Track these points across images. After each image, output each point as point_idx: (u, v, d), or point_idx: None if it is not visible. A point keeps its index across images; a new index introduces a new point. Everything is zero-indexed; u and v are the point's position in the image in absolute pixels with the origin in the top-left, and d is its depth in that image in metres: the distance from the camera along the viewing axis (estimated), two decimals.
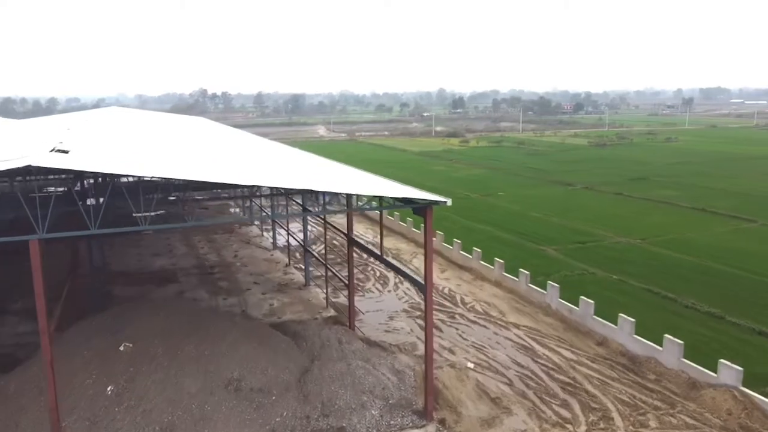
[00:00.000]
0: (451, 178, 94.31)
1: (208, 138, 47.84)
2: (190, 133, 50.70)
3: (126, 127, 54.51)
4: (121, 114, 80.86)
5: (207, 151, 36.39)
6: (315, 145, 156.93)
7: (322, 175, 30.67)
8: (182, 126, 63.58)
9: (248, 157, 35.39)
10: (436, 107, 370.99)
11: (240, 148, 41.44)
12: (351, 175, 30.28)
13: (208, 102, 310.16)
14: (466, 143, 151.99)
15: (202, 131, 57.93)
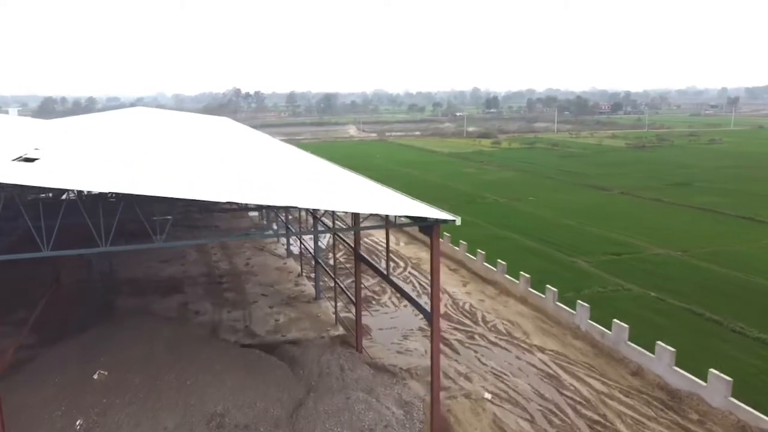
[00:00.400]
0: (480, 181, 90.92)
1: (217, 142, 45.93)
2: (202, 137, 48.95)
3: (139, 128, 53.14)
4: (143, 114, 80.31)
5: (211, 158, 34.29)
6: (344, 145, 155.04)
7: (328, 189, 28.13)
8: (199, 128, 62.16)
9: (254, 166, 33.15)
10: (470, 107, 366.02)
11: (246, 155, 39.27)
12: (359, 189, 27.74)
13: (241, 101, 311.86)
14: (497, 144, 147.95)
15: (216, 134, 56.21)
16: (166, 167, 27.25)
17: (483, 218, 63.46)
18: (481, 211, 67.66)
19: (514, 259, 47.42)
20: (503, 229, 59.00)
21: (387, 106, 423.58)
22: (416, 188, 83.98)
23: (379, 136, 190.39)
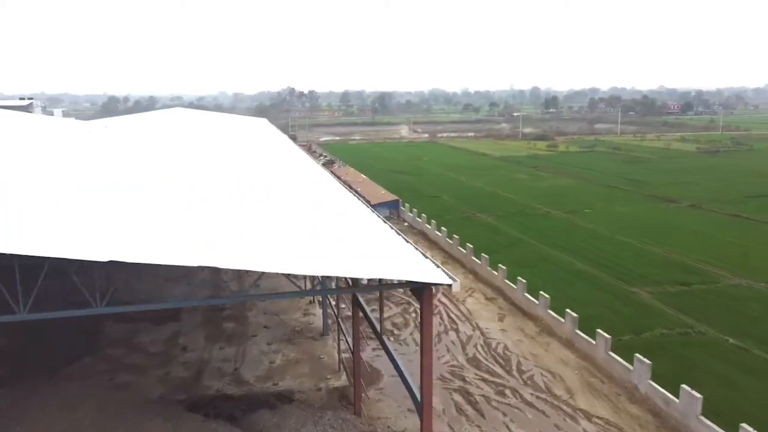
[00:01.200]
0: (531, 189, 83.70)
1: (225, 159, 41.49)
2: (211, 151, 44.72)
3: (151, 138, 49.52)
4: (172, 117, 78.03)
5: (204, 187, 29.58)
6: (392, 146, 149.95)
7: (321, 240, 22.18)
8: (221, 135, 58.39)
9: (250, 200, 28.14)
10: (528, 107, 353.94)
11: (249, 177, 34.51)
12: (357, 236, 22.27)
13: (295, 100, 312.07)
14: (554, 148, 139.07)
15: (233, 144, 52.01)
16: (138, 207, 22.59)
17: (530, 234, 56.85)
18: (528, 225, 60.95)
19: (562, 287, 41.06)
20: (553, 247, 52.22)
21: (443, 105, 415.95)
22: (460, 196, 78.07)
23: (430, 137, 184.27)
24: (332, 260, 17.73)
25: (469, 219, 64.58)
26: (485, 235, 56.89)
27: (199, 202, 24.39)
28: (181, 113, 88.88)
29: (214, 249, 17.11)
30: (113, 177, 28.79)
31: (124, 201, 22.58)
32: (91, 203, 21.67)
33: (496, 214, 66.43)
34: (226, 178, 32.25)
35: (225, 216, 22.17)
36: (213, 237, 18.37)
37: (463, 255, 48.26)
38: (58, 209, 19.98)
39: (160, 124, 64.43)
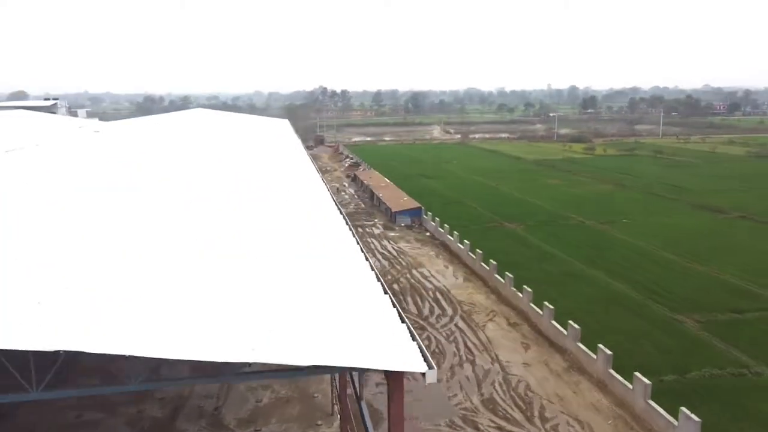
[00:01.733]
0: (565, 195, 78.65)
1: (213, 176, 38.33)
2: (206, 157, 41.67)
3: (149, 146, 46.83)
4: (194, 117, 75.97)
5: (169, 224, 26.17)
6: (422, 148, 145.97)
7: (257, 303, 16.69)
8: (229, 138, 55.47)
9: (215, 250, 24.68)
10: (565, 107, 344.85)
11: (232, 207, 30.76)
12: (318, 287, 17.20)
13: (327, 100, 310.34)
14: (591, 150, 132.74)
15: (236, 151, 48.91)
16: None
17: (562, 247, 52.31)
18: (560, 237, 56.35)
19: (596, 312, 36.75)
20: (586, 263, 47.62)
21: (477, 105, 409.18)
22: (488, 203, 73.56)
23: (462, 138, 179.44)
24: (259, 338, 12.94)
25: (496, 229, 60.27)
26: (512, 248, 52.62)
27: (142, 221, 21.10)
28: (201, 114, 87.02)
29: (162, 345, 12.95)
30: (76, 178, 25.85)
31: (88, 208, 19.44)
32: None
33: (526, 224, 61.94)
34: (183, 193, 28.80)
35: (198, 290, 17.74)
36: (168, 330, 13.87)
37: (486, 272, 44.13)
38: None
39: (170, 125, 62.51)
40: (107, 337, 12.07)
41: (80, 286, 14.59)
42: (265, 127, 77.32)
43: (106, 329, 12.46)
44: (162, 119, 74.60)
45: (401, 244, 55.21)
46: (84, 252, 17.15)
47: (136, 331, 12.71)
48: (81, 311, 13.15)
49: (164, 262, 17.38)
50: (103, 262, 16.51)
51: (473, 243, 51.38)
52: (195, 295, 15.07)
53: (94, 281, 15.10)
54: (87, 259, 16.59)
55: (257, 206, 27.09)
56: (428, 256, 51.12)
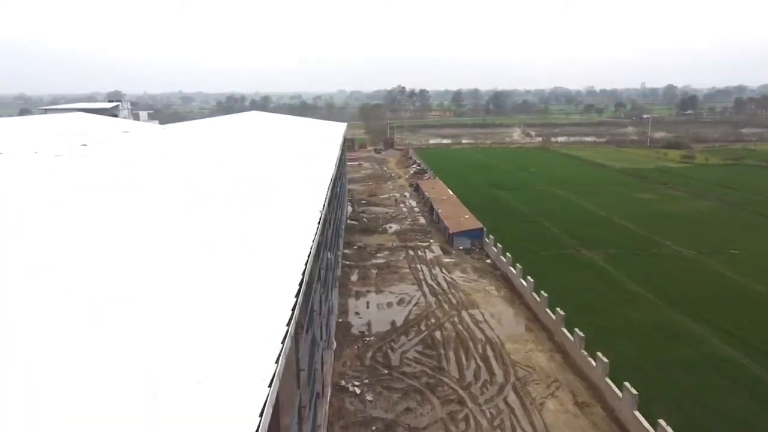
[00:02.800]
0: (658, 214, 67.57)
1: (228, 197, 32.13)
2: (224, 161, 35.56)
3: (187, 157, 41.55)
4: (248, 120, 72.26)
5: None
6: (498, 152, 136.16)
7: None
8: (269, 142, 49.67)
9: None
10: (660, 107, 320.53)
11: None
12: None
13: (405, 100, 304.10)
14: (689, 159, 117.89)
15: (259, 151, 42.80)
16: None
17: (652, 286, 42.66)
18: (650, 271, 46.55)
19: (700, 393, 27.59)
20: (684, 312, 37.95)
21: (563, 105, 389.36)
22: (566, 222, 63.75)
23: (543, 141, 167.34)
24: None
25: (572, 257, 51.04)
26: (588, 285, 43.53)
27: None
28: (256, 117, 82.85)
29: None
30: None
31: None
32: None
33: (608, 252, 52.28)
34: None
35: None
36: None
37: (552, 321, 35.54)
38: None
39: (213, 128, 59.08)
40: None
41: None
42: (312, 129, 71.79)
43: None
44: (213, 122, 70.85)
45: (456, 273, 47.36)
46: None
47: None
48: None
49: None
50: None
51: (541, 275, 42.96)
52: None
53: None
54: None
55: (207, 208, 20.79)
56: (484, 293, 43.01)
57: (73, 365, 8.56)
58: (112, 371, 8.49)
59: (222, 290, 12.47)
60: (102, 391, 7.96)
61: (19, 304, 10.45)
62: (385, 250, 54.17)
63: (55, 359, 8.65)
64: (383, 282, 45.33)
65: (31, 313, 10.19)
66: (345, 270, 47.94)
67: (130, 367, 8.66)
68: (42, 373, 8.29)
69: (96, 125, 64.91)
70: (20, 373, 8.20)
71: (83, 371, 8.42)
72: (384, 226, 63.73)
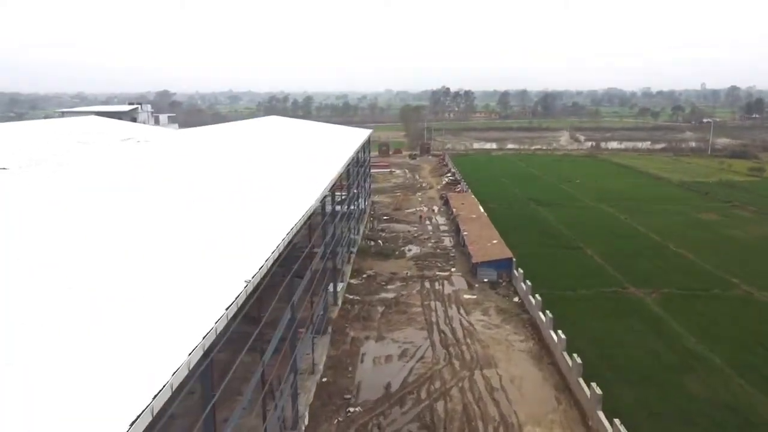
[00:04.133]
0: (723, 242, 58.08)
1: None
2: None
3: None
4: (265, 125, 67.41)
5: None
6: (543, 160, 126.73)
7: None
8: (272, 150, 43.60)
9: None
10: (723, 111, 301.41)
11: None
12: None
13: (449, 101, 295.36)
14: (758, 172, 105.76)
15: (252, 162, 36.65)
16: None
17: (718, 345, 34.29)
18: (715, 319, 38.05)
19: None
20: (763, 386, 29.52)
21: (616, 107, 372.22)
22: (612, 249, 53.24)
23: (593, 147, 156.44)
24: None
25: (617, 297, 42.75)
26: (636, 339, 35.42)
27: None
28: (275, 122, 77.35)
29: None
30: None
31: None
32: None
33: (662, 291, 43.76)
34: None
35: None
36: None
37: (585, 399, 27.74)
38: None
39: (228, 133, 55.64)
40: None
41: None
42: (328, 137, 65.63)
43: None
44: (228, 127, 65.90)
45: (475, 316, 39.91)
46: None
47: None
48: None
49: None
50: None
51: (578, 322, 35.65)
52: None
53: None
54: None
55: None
56: (506, 345, 35.44)
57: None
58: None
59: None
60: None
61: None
62: (398, 281, 47.12)
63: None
64: (387, 325, 38.30)
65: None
66: (345, 307, 41.11)
67: None
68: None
69: (100, 130, 60.63)
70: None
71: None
72: (402, 248, 56.62)
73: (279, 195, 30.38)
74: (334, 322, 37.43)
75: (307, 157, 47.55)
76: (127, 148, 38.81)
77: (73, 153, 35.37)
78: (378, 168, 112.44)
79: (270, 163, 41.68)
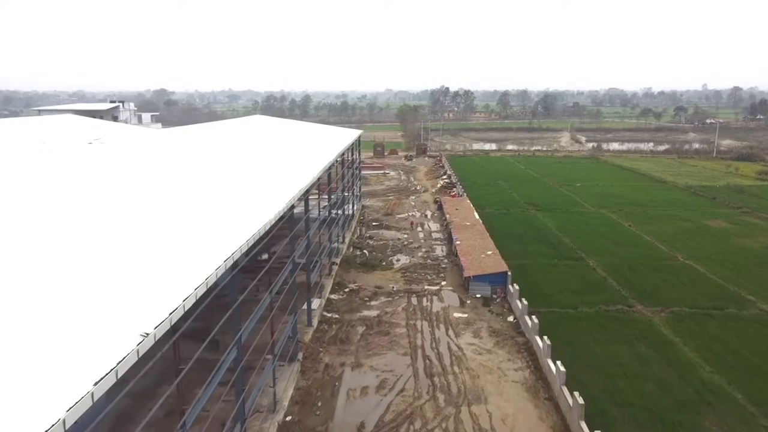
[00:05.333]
0: (735, 252, 54.13)
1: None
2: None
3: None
4: (248, 124, 63.70)
5: None
6: (543, 162, 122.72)
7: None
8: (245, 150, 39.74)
9: None
10: (726, 111, 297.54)
11: None
12: None
13: (448, 100, 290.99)
14: (767, 175, 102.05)
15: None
16: None
17: (736, 376, 30.39)
18: (731, 344, 34.06)
19: None
20: None
21: (617, 108, 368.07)
22: (615, 260, 48.51)
23: (594, 149, 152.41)
24: None
25: (622, 317, 38.74)
26: (645, 369, 31.47)
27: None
28: (259, 121, 73.44)
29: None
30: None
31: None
32: None
33: (671, 310, 39.81)
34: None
35: None
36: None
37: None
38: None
39: (206, 133, 52.54)
40: None
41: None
42: (315, 137, 61.76)
43: None
44: (211, 126, 62.04)
45: (465, 338, 35.96)
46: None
47: None
48: None
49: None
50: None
51: (580, 347, 32.28)
52: None
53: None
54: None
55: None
56: (499, 374, 31.47)
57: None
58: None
59: None
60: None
61: None
62: (383, 296, 43.16)
63: None
64: (367, 349, 34.34)
65: None
66: (322, 327, 37.16)
67: None
68: None
69: (69, 130, 57.09)
70: None
71: None
72: (391, 258, 52.67)
73: (241, 202, 26.56)
74: (306, 347, 33.47)
75: (284, 159, 43.61)
76: (86, 150, 34.91)
77: (26, 155, 31.58)
78: (371, 169, 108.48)
79: (240, 166, 37.79)
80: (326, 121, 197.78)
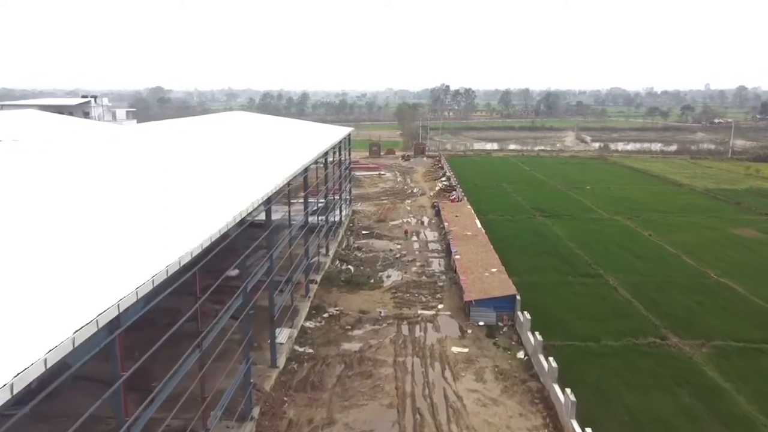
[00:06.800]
0: (765, 264, 47.51)
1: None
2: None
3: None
4: (229, 120, 57.76)
5: None
6: (548, 162, 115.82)
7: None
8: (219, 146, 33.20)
9: None
10: (733, 111, 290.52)
11: None
12: None
13: (449, 99, 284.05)
14: None
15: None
16: None
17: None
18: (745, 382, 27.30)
19: None
20: None
21: (621, 107, 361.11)
22: (640, 277, 41.22)
23: (601, 149, 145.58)
24: None
25: (657, 354, 31.99)
26: (692, 428, 24.72)
27: None
28: (237, 117, 67.00)
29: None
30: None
31: None
32: None
33: (714, 344, 33.09)
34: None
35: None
36: None
37: None
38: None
39: (180, 128, 48.20)
40: None
41: None
42: (298, 134, 55.29)
43: None
44: (186, 122, 55.75)
45: (465, 382, 29.19)
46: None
47: None
48: None
49: None
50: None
51: (611, 397, 25.64)
52: None
53: None
54: None
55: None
56: None
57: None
58: None
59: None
60: None
61: None
62: (368, 324, 36.41)
63: None
64: (343, 398, 27.57)
65: None
66: (290, 367, 30.40)
67: None
68: None
69: (24, 128, 51.09)
70: None
71: None
72: (380, 274, 45.90)
73: (191, 208, 20.02)
74: (265, 397, 26.70)
75: (255, 159, 36.89)
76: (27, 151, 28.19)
77: None
78: (365, 170, 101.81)
79: (203, 165, 31.19)
80: (323, 120, 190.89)
